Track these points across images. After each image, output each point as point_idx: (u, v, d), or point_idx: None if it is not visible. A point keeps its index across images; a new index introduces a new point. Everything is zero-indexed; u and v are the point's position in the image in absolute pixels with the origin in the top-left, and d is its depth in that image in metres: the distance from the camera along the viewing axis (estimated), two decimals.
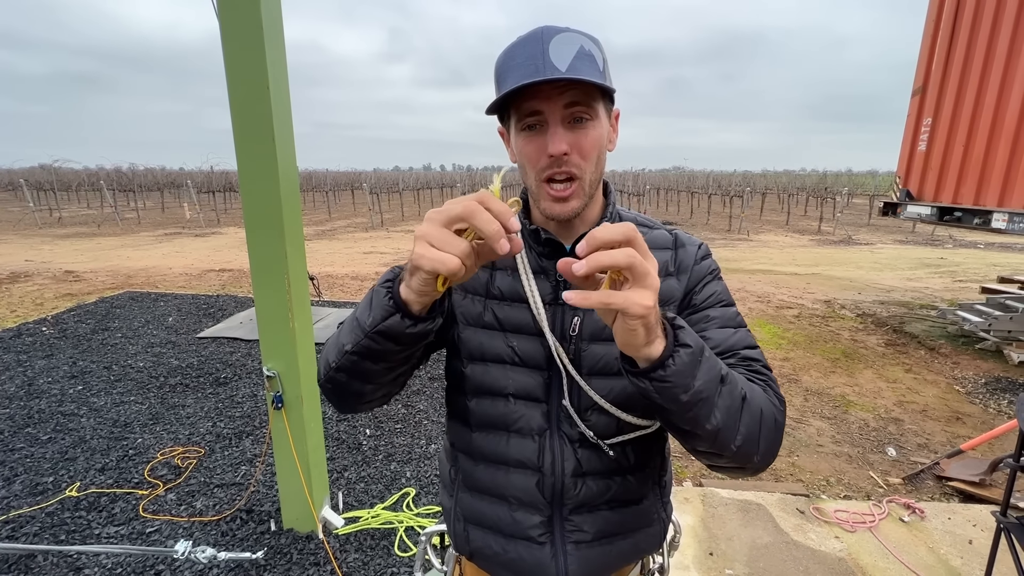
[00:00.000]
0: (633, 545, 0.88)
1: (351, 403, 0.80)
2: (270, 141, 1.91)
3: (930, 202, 5.54)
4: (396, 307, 0.65)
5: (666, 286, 0.83)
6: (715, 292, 0.85)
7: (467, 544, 0.91)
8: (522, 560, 0.85)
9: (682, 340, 0.62)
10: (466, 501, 0.91)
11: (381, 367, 0.72)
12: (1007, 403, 3.85)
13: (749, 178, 41.26)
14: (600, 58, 0.75)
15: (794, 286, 7.86)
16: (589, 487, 0.83)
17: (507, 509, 0.86)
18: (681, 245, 0.88)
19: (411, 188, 26.40)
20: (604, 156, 0.81)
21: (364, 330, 0.68)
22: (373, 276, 8.47)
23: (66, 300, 6.65)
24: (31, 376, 4.11)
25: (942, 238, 13.86)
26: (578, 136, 0.76)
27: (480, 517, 0.89)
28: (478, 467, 0.89)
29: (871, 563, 2.23)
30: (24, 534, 2.35)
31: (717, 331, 0.81)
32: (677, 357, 0.61)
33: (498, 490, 0.87)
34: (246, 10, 1.80)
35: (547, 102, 0.74)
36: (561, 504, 0.84)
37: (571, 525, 0.84)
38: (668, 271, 0.85)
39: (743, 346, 0.80)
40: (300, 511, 2.32)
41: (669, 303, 0.83)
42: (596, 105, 0.76)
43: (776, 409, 0.73)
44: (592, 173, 0.78)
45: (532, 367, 0.83)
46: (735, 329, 0.82)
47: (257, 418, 3.48)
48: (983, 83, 4.91)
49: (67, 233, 14.35)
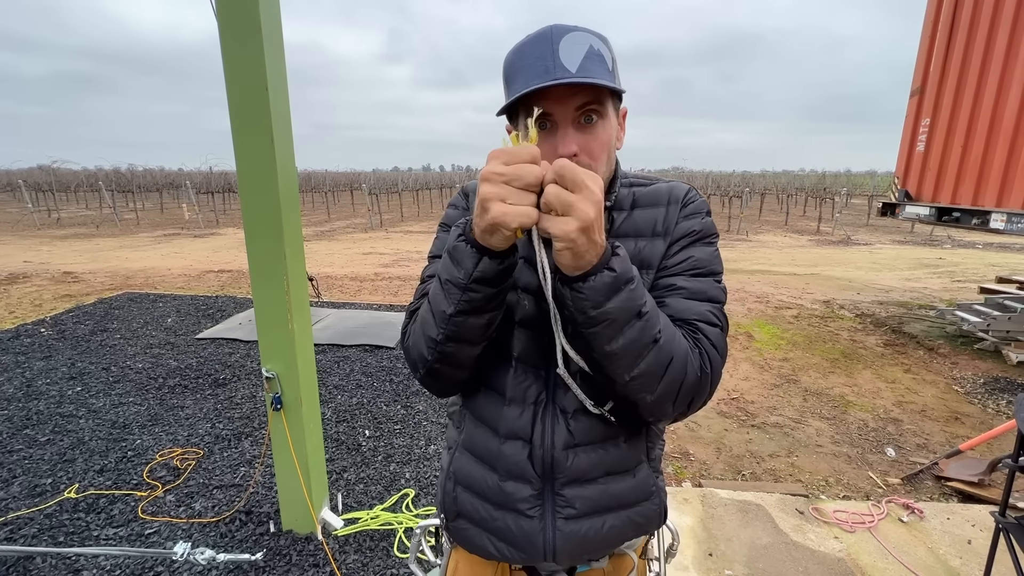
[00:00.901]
0: (628, 520, 0.87)
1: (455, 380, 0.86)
2: (269, 142, 1.91)
3: (928, 202, 5.55)
4: (483, 251, 0.69)
5: (651, 248, 0.84)
6: (690, 257, 0.83)
7: (455, 505, 0.91)
8: (509, 530, 0.85)
9: (610, 264, 0.67)
10: (461, 462, 0.91)
11: (485, 319, 0.76)
12: (1006, 403, 3.86)
13: (748, 178, 41.30)
14: (609, 57, 0.75)
15: (793, 286, 7.86)
16: (580, 459, 0.83)
17: (497, 479, 0.86)
18: (672, 202, 0.86)
19: (410, 189, 26.39)
20: (613, 155, 0.82)
21: (461, 284, 0.72)
22: (372, 277, 8.47)
23: (65, 301, 6.64)
24: (29, 377, 4.11)
25: (940, 238, 13.88)
26: (587, 138, 0.76)
27: (470, 481, 0.89)
28: (478, 430, 0.90)
29: (870, 563, 2.23)
30: (22, 536, 2.35)
31: (677, 301, 0.80)
32: (599, 276, 0.66)
33: (491, 459, 0.87)
34: (245, 11, 1.80)
35: (557, 104, 0.74)
36: (552, 478, 0.83)
37: (562, 500, 0.83)
38: (656, 231, 0.85)
39: (700, 320, 0.79)
40: (299, 512, 2.32)
41: (653, 267, 0.83)
42: (606, 105, 0.77)
43: (693, 365, 0.75)
44: (603, 172, 0.79)
45: (536, 330, 0.84)
46: (700, 303, 0.80)
47: (256, 419, 3.48)
48: (981, 83, 4.92)
49: (66, 234, 14.33)
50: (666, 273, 0.83)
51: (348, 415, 3.55)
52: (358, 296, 7.12)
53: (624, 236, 0.85)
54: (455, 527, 0.92)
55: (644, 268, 0.83)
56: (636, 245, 0.84)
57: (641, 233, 0.85)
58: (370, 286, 7.81)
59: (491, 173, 0.63)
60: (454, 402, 0.99)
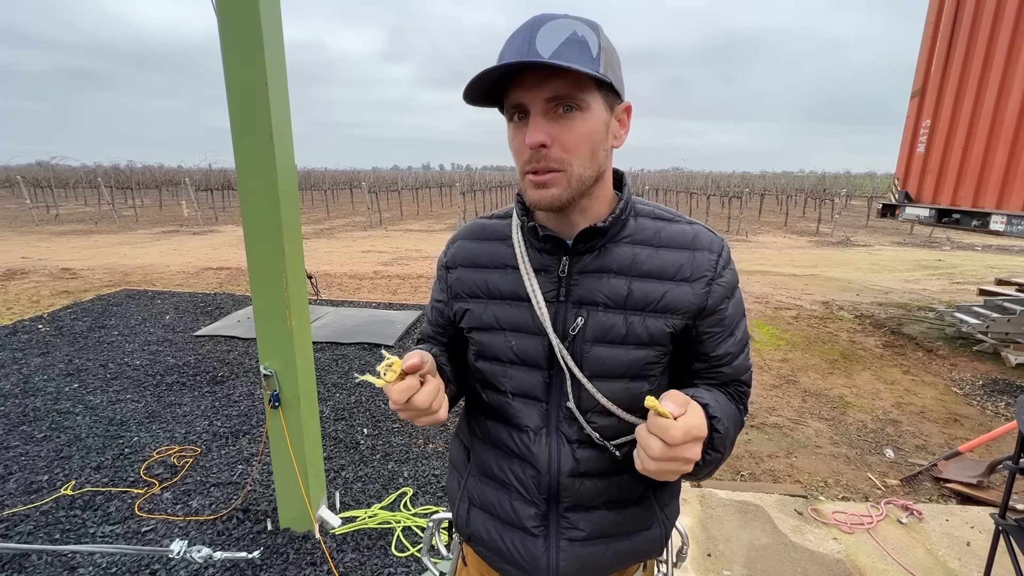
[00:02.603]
0: (630, 547, 0.87)
1: None
2: (268, 139, 1.90)
3: (929, 204, 5.55)
4: None
5: (677, 292, 0.79)
6: (732, 314, 0.83)
7: (467, 527, 0.92)
8: (515, 549, 0.85)
9: (716, 446, 0.72)
10: (473, 484, 0.92)
11: None
12: (1004, 405, 3.86)
13: (748, 179, 41.35)
14: (595, 44, 0.69)
15: (792, 287, 7.87)
16: (586, 487, 0.83)
17: (508, 498, 0.86)
18: (699, 248, 0.82)
19: (410, 187, 26.38)
20: (601, 151, 0.75)
21: None
22: (371, 275, 8.46)
23: (62, 298, 6.63)
24: (27, 374, 4.09)
25: (940, 240, 13.89)
26: (563, 128, 0.71)
27: (483, 501, 0.90)
28: (488, 451, 0.90)
29: (869, 564, 2.23)
30: (18, 533, 2.34)
31: (731, 368, 0.86)
32: (705, 460, 0.72)
33: (502, 477, 0.87)
34: (245, 8, 1.79)
35: (528, 92, 0.70)
36: (557, 501, 0.83)
37: (566, 522, 0.83)
38: (683, 276, 0.80)
39: (743, 372, 0.87)
40: (297, 511, 2.31)
41: (679, 312, 0.79)
42: (584, 96, 0.70)
43: (740, 428, 0.85)
44: (583, 167, 0.73)
45: (532, 366, 0.82)
46: (743, 356, 0.86)
47: (254, 417, 3.47)
48: (982, 85, 4.92)
49: (64, 230, 14.30)
50: (720, 338, 0.83)
51: (346, 413, 3.54)
52: (357, 294, 7.11)
53: (650, 277, 0.80)
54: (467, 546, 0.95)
55: (670, 312, 0.79)
56: (663, 287, 0.80)
57: (667, 275, 0.80)
58: (369, 284, 7.80)
59: (393, 404, 0.71)
60: (460, 425, 1.00)
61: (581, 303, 0.80)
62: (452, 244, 0.95)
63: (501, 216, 0.92)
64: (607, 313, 0.79)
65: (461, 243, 0.93)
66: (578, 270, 0.81)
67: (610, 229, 0.80)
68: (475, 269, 0.89)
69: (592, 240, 0.80)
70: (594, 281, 0.80)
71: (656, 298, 0.79)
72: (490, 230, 0.91)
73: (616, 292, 0.79)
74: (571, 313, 0.80)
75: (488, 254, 0.88)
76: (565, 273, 0.81)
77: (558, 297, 0.81)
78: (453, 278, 0.91)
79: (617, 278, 0.80)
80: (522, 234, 0.85)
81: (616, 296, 0.79)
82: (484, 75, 0.68)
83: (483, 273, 0.87)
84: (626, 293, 0.79)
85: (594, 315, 0.79)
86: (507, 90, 0.73)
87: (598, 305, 0.80)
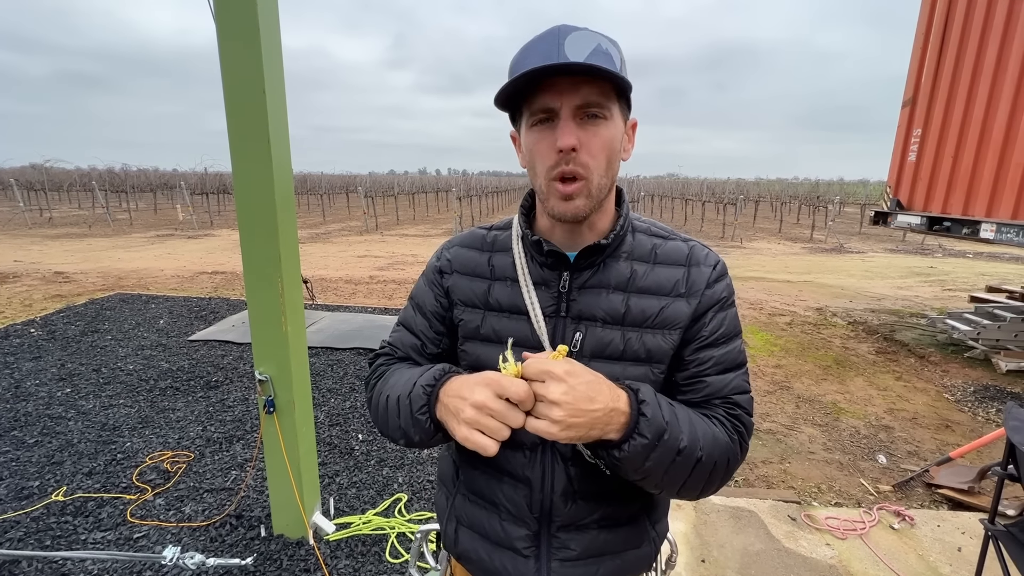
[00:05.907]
0: (620, 566, 0.86)
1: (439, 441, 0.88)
2: (265, 143, 1.91)
3: (920, 212, 5.61)
4: (440, 429, 0.75)
5: (674, 308, 0.80)
6: (723, 325, 0.82)
7: (455, 546, 0.91)
8: (505, 570, 0.84)
9: (639, 430, 0.68)
10: (461, 503, 0.91)
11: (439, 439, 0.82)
12: (995, 411, 3.89)
13: (742, 186, 41.61)
14: (618, 58, 0.72)
15: (786, 293, 7.91)
16: (579, 506, 0.82)
17: (497, 518, 0.86)
18: (695, 263, 0.83)
19: (406, 192, 26.41)
20: (616, 161, 0.77)
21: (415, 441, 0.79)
22: (367, 280, 8.45)
23: (55, 301, 6.58)
24: (18, 378, 4.06)
25: (932, 247, 14.01)
26: (589, 134, 0.73)
27: (471, 521, 0.89)
28: (476, 471, 0.89)
29: (861, 570, 2.24)
30: (8, 539, 2.31)
31: (715, 378, 0.81)
32: (631, 444, 0.68)
33: (491, 497, 0.87)
34: (243, 13, 1.80)
35: (560, 97, 0.71)
36: (549, 520, 0.83)
37: (558, 542, 0.83)
38: (678, 292, 0.81)
39: (735, 392, 0.81)
40: (291, 517, 2.30)
41: (674, 326, 0.80)
42: (611, 105, 0.74)
43: (734, 460, 0.78)
44: (601, 176, 0.75)
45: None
46: (733, 373, 0.82)
47: (248, 422, 3.45)
48: (971, 94, 4.99)
49: (57, 234, 14.21)
50: (702, 343, 0.81)
51: (341, 419, 3.53)
52: (352, 299, 7.10)
53: (646, 292, 0.81)
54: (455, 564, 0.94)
55: (667, 327, 0.80)
56: (659, 303, 0.80)
57: (663, 291, 0.81)
58: (365, 289, 7.79)
59: (483, 405, 0.65)
60: (449, 444, 0.96)
61: (580, 318, 0.81)
62: (447, 249, 0.94)
63: (500, 228, 0.92)
64: (605, 329, 0.80)
65: (457, 249, 0.93)
66: (578, 285, 0.81)
67: (610, 245, 0.81)
68: (472, 278, 0.88)
69: (593, 256, 0.81)
70: (593, 297, 0.81)
71: (652, 314, 0.80)
72: (489, 241, 0.91)
73: (614, 308, 0.80)
74: (570, 328, 0.81)
75: (487, 265, 0.88)
76: (566, 288, 0.81)
77: (557, 312, 0.81)
78: (449, 283, 0.90)
79: (615, 294, 0.80)
80: (523, 246, 0.85)
81: (614, 312, 0.80)
82: (527, 75, 0.69)
83: (481, 283, 0.87)
84: (624, 309, 0.80)
85: (592, 331, 0.80)
86: (531, 94, 0.73)
87: (596, 321, 0.80)
